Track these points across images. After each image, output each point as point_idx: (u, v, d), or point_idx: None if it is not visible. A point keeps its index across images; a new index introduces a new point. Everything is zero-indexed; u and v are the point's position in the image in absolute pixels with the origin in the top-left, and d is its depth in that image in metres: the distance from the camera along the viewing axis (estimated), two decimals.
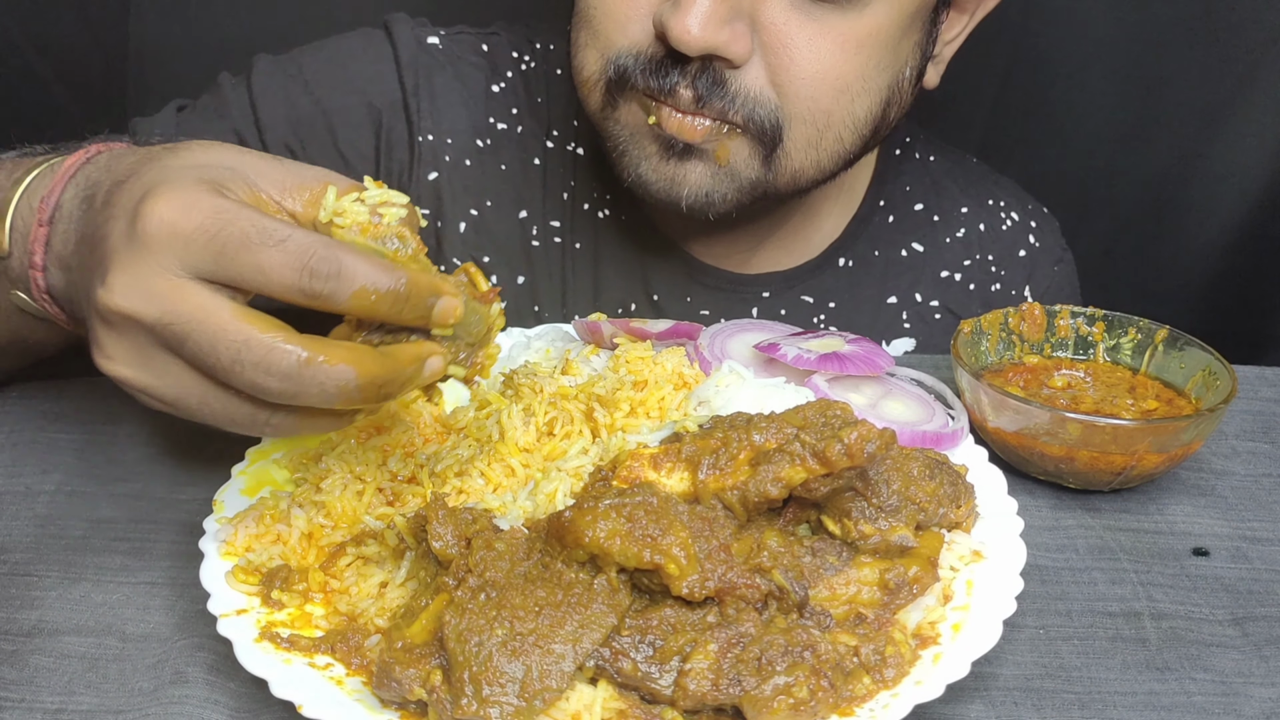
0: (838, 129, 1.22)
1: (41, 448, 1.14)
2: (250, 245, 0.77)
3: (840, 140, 1.23)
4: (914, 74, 1.28)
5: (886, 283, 1.48)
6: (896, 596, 0.87)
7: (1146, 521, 1.08)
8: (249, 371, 0.77)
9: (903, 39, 1.22)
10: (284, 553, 0.94)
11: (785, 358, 1.13)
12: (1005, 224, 1.54)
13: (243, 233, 0.78)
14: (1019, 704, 0.88)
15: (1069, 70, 1.83)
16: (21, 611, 0.94)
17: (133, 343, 0.80)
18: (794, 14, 1.15)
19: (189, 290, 0.78)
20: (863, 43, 1.18)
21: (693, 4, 1.11)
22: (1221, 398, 1.08)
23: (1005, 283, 1.52)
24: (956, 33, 1.33)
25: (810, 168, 1.24)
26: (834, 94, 1.19)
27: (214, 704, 0.85)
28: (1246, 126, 1.77)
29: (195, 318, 0.77)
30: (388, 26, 1.42)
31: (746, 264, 1.45)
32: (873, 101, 1.23)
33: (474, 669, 0.77)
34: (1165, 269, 1.88)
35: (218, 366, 0.77)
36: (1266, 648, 0.94)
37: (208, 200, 0.79)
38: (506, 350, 1.21)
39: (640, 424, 1.04)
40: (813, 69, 1.17)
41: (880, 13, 1.18)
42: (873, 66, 1.20)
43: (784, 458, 0.86)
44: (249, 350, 0.77)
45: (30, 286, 0.95)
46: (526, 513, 0.94)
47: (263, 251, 0.77)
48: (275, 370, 0.77)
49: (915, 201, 1.52)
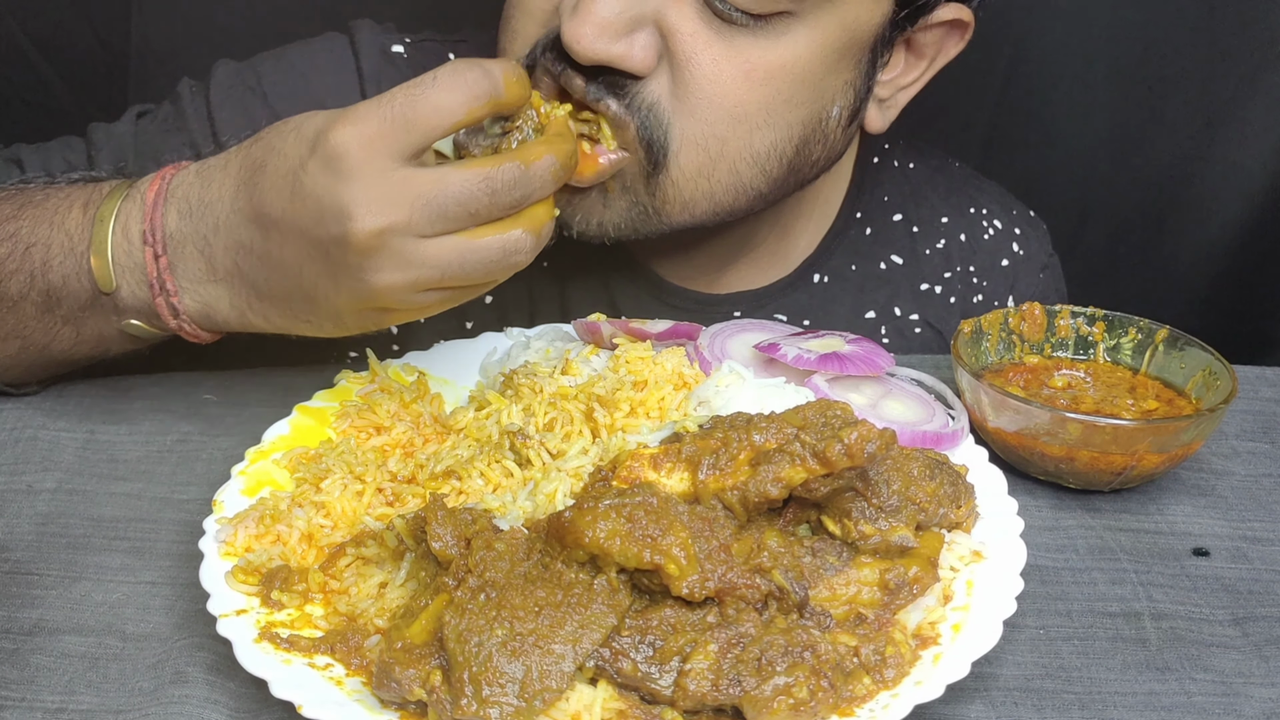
0: (732, 159, 1.16)
1: (43, 446, 1.14)
2: (415, 100, 0.90)
3: (736, 173, 1.16)
4: (845, 114, 1.21)
5: (864, 297, 1.44)
6: (896, 597, 0.87)
7: (1147, 521, 1.08)
8: (502, 194, 0.91)
9: (827, 75, 1.16)
10: (284, 553, 0.94)
11: (785, 358, 1.13)
12: (987, 233, 1.50)
13: (405, 97, 0.90)
14: (1019, 704, 0.88)
15: (1070, 70, 1.82)
16: (22, 610, 0.94)
17: (398, 249, 0.90)
18: (703, 31, 1.09)
19: (410, 174, 0.90)
20: (772, 74, 1.11)
21: (589, 13, 1.05)
22: (1222, 398, 1.08)
23: (988, 294, 1.48)
24: (913, 79, 1.27)
25: (702, 199, 1.17)
26: (730, 121, 1.13)
27: (214, 704, 0.85)
28: (1248, 127, 1.77)
29: (437, 187, 0.90)
30: (351, 34, 1.38)
31: (716, 283, 1.40)
32: (779, 137, 1.16)
33: (474, 669, 0.77)
34: (1166, 269, 1.88)
35: (479, 208, 0.90)
36: (1267, 648, 0.94)
37: (359, 107, 0.91)
38: (506, 350, 1.21)
39: (640, 424, 1.04)
40: (712, 90, 1.11)
41: (799, 44, 1.11)
42: (781, 100, 1.14)
43: (784, 458, 0.86)
44: (490, 180, 0.90)
45: (160, 314, 1.03)
46: (526, 513, 0.94)
47: (429, 92, 0.90)
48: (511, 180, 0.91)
49: (894, 212, 1.47)
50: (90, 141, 1.33)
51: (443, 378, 1.17)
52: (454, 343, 1.24)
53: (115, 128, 1.35)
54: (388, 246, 0.90)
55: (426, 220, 0.90)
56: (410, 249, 0.90)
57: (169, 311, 1.02)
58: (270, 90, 1.35)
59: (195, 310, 1.02)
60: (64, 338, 1.10)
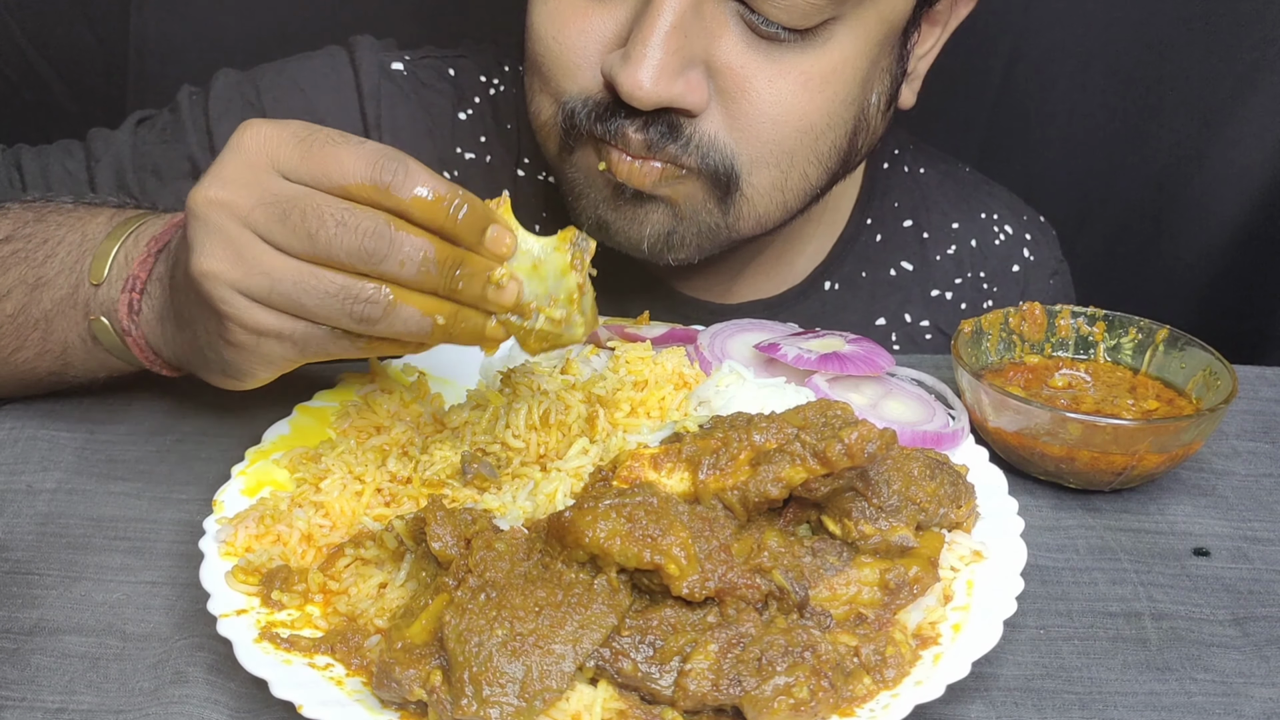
0: (802, 167, 1.17)
1: (43, 446, 1.14)
2: (334, 142, 0.86)
3: (806, 178, 1.19)
4: (883, 100, 1.23)
5: (875, 304, 1.44)
6: (897, 597, 0.87)
7: (1147, 521, 1.08)
8: (348, 235, 0.83)
9: (872, 68, 1.17)
10: (284, 553, 0.94)
11: (785, 358, 1.13)
12: (998, 239, 1.50)
13: (327, 135, 0.87)
14: (1019, 704, 0.88)
15: (1068, 71, 1.82)
16: (22, 610, 0.94)
17: (226, 236, 0.86)
18: (751, 55, 1.10)
19: (281, 181, 0.86)
20: (827, 79, 1.12)
21: (643, 58, 1.05)
22: (1222, 398, 1.08)
23: (998, 299, 1.48)
24: (929, 46, 1.28)
25: (776, 209, 1.20)
26: (798, 135, 1.14)
27: (214, 704, 0.85)
28: (1247, 126, 1.77)
29: (295, 195, 0.85)
30: (351, 51, 1.38)
31: (728, 293, 1.41)
32: (838, 135, 1.18)
33: (474, 669, 0.77)
34: (1166, 269, 1.88)
35: (320, 233, 0.84)
36: (1267, 648, 0.94)
37: (298, 121, 0.89)
38: (506, 350, 1.21)
39: (640, 424, 1.04)
40: (774, 112, 1.11)
41: (845, 45, 1.12)
42: (839, 102, 1.15)
43: (784, 458, 0.86)
44: (350, 214, 0.84)
45: (119, 309, 1.02)
46: (526, 513, 0.94)
47: (344, 147, 0.86)
48: (368, 229, 0.84)
49: (904, 218, 1.47)
50: (89, 150, 1.32)
51: (443, 378, 1.17)
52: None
53: (114, 136, 1.35)
54: (219, 224, 0.86)
55: (265, 218, 0.85)
56: (245, 242, 0.85)
57: (127, 307, 1.01)
58: (269, 105, 1.34)
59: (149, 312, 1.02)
60: (31, 343, 1.09)
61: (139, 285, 1.01)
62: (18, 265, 1.08)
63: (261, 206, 0.85)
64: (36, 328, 1.08)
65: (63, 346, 1.08)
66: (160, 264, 1.01)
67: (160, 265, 1.01)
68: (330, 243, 0.84)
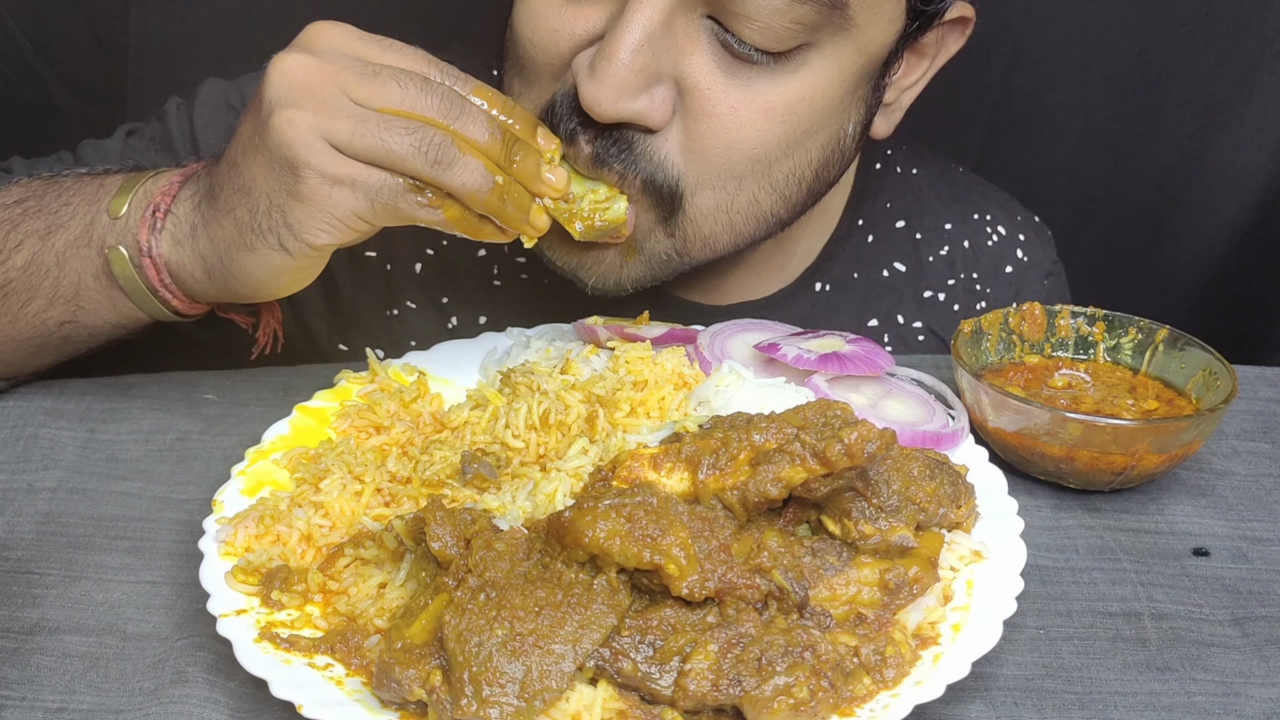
0: (751, 192, 1.14)
1: (43, 445, 1.14)
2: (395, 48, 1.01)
3: (756, 203, 1.16)
4: (858, 129, 1.20)
5: (866, 305, 1.43)
6: (897, 597, 0.87)
7: (1147, 521, 1.08)
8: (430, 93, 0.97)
9: (844, 99, 1.14)
10: (283, 553, 0.94)
11: (785, 358, 1.13)
12: (991, 239, 1.48)
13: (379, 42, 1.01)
14: (1019, 704, 0.88)
15: (1068, 71, 1.82)
16: (23, 610, 0.94)
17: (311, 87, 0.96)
18: (720, 77, 1.07)
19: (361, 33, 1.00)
20: (791, 109, 1.10)
21: (606, 74, 1.03)
22: (1222, 398, 1.08)
23: (991, 301, 1.47)
24: (915, 79, 1.26)
25: (723, 232, 1.17)
26: (748, 161, 1.11)
27: (214, 704, 0.85)
28: (1246, 127, 1.77)
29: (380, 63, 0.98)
30: None
31: (716, 294, 1.39)
32: (797, 164, 1.15)
33: (474, 669, 0.77)
34: (1165, 269, 1.88)
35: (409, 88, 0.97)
36: (1267, 648, 0.94)
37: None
38: (506, 349, 1.21)
39: (640, 424, 1.04)
40: (729, 137, 1.09)
41: (818, 73, 1.09)
42: (801, 132, 1.12)
43: (784, 458, 0.86)
44: (430, 82, 0.98)
45: (139, 229, 1.06)
46: (526, 513, 0.94)
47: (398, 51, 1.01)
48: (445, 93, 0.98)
49: (896, 219, 1.46)
50: (80, 159, 1.33)
51: (443, 378, 1.17)
52: (454, 343, 1.24)
53: (105, 145, 1.36)
54: (305, 79, 0.96)
55: (354, 76, 0.96)
56: (331, 94, 0.96)
57: (150, 226, 1.06)
58: None
59: (167, 236, 1.06)
60: (42, 291, 1.11)
61: (163, 207, 1.06)
62: (29, 219, 1.11)
63: (350, 69, 0.96)
64: (48, 274, 1.11)
65: (75, 289, 1.11)
66: (188, 187, 1.07)
67: (188, 188, 1.07)
68: (415, 98, 0.96)
